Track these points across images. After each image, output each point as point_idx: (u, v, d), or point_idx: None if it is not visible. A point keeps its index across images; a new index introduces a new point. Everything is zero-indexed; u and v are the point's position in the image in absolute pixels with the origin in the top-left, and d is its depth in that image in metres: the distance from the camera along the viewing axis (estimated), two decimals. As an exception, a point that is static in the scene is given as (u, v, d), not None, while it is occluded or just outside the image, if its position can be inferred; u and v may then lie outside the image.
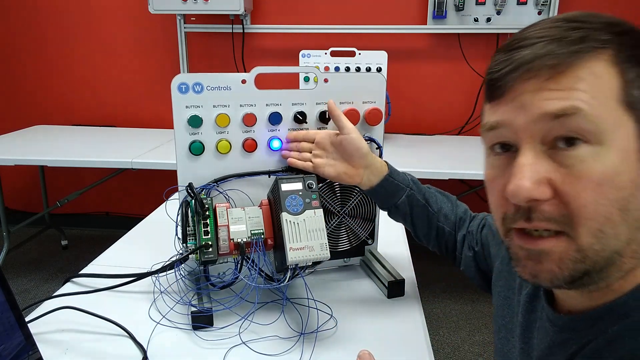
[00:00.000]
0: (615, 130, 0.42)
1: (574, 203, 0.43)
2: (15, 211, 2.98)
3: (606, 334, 0.46)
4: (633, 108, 0.43)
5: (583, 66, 0.43)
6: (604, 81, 0.43)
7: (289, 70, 0.94)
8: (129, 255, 1.08)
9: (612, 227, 0.43)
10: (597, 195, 0.42)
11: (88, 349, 0.77)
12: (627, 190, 0.43)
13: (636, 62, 0.43)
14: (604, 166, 0.42)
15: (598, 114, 0.42)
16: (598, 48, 0.43)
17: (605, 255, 0.44)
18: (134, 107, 2.86)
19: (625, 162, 0.43)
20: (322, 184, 0.93)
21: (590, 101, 0.42)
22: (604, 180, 0.42)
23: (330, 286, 0.96)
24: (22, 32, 2.82)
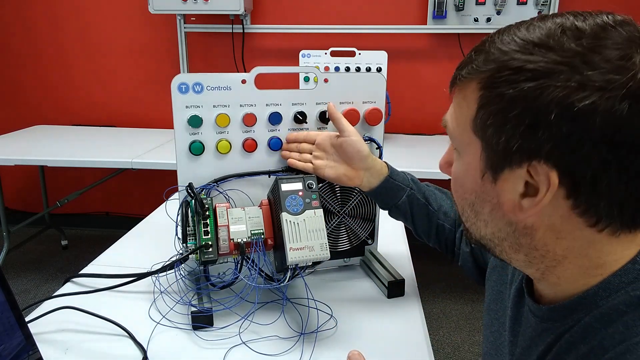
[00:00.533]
0: (466, 147, 0.51)
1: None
2: (15, 211, 2.98)
3: (579, 323, 0.49)
4: (477, 132, 0.49)
5: (461, 88, 0.51)
6: (467, 103, 0.49)
7: (289, 70, 0.94)
8: (129, 255, 1.08)
9: (467, 218, 0.55)
10: (454, 188, 0.56)
11: (88, 349, 0.77)
12: (471, 196, 0.53)
13: (490, 92, 0.47)
14: (456, 169, 0.55)
15: (455, 131, 0.53)
16: (476, 73, 0.48)
17: (476, 236, 0.55)
18: (134, 107, 2.86)
19: (468, 174, 0.52)
20: (322, 184, 0.93)
21: (452, 120, 0.53)
22: (456, 180, 0.55)
23: (330, 286, 0.96)
24: (22, 32, 2.82)
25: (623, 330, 0.45)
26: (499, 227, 0.51)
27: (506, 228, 0.51)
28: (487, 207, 0.51)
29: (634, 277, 0.47)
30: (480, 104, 0.47)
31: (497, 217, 0.51)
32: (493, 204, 0.50)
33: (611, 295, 0.48)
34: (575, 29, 0.44)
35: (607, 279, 0.48)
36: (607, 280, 0.48)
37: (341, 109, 0.93)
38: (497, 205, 0.50)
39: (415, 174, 0.92)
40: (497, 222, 0.51)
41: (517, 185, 0.47)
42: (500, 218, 0.50)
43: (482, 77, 0.47)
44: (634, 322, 0.45)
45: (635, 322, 0.45)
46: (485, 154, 0.48)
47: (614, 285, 0.48)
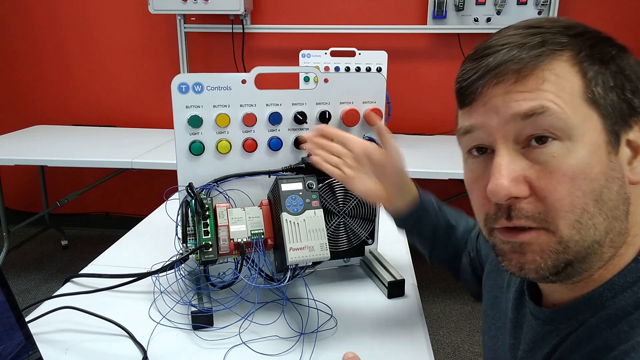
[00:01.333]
0: (582, 125, 0.45)
1: (550, 197, 0.45)
2: (15, 211, 2.98)
3: (585, 324, 0.48)
4: (596, 103, 0.45)
5: (545, 68, 0.46)
6: (567, 80, 0.45)
7: (289, 70, 0.94)
8: (129, 255, 1.08)
9: (590, 217, 0.45)
10: (572, 188, 0.45)
11: (88, 349, 0.77)
12: (599, 182, 0.45)
13: (594, 60, 0.46)
14: (575, 160, 0.45)
15: (564, 111, 0.45)
16: (557, 50, 0.46)
17: (586, 245, 0.46)
18: (134, 107, 2.86)
19: (595, 154, 0.45)
20: (322, 184, 0.93)
21: (555, 100, 0.45)
22: (576, 173, 0.45)
23: (330, 286, 0.96)
24: (23, 32, 2.82)
25: (628, 330, 0.44)
26: (618, 211, 0.46)
27: (622, 208, 0.47)
28: (616, 186, 0.46)
29: (638, 277, 0.47)
30: (591, 73, 0.46)
31: (622, 197, 0.46)
32: (620, 180, 0.46)
33: (617, 296, 0.47)
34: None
35: (612, 280, 0.48)
36: (612, 281, 0.48)
37: (341, 109, 0.93)
38: (623, 180, 0.46)
39: (415, 174, 0.92)
40: (619, 204, 0.46)
41: (626, 148, 0.47)
42: (623, 196, 0.47)
43: (572, 48, 0.46)
44: (639, 322, 0.44)
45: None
46: (609, 122, 0.46)
47: (619, 285, 0.47)
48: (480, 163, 0.51)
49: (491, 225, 0.51)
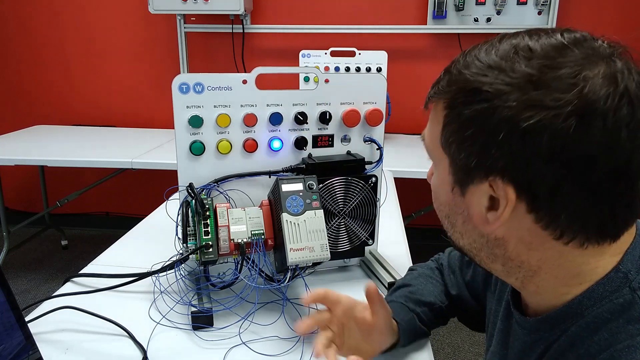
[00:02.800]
0: (439, 161, 0.53)
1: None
2: (15, 211, 2.98)
3: (566, 333, 0.50)
4: (445, 148, 0.51)
5: (434, 106, 0.53)
6: (437, 120, 0.52)
7: (290, 71, 0.94)
8: (129, 255, 1.08)
9: (447, 228, 0.57)
10: (433, 199, 0.57)
11: (88, 349, 0.77)
12: (445, 208, 0.55)
13: (453, 112, 0.49)
14: (434, 182, 0.57)
15: (429, 146, 0.55)
16: (444, 93, 0.51)
17: (457, 245, 0.57)
18: (134, 107, 2.86)
19: (441, 187, 0.54)
20: (322, 185, 0.93)
21: (427, 135, 0.55)
22: (434, 192, 0.57)
23: (331, 287, 0.95)
24: (22, 32, 2.82)
25: (608, 337, 0.46)
26: (473, 239, 0.53)
27: (480, 239, 0.52)
28: (460, 219, 0.53)
29: (617, 286, 0.48)
30: (444, 123, 0.50)
31: (470, 229, 0.52)
32: (464, 217, 0.52)
33: (596, 304, 0.48)
34: (527, 50, 0.46)
35: (591, 288, 0.49)
36: (591, 289, 0.49)
37: (341, 110, 0.93)
38: (468, 218, 0.52)
39: (415, 174, 0.92)
40: (470, 233, 0.53)
41: (482, 199, 0.49)
42: (472, 230, 0.52)
43: (446, 97, 0.50)
44: (618, 329, 0.46)
45: (620, 328, 0.46)
46: (452, 169, 0.51)
47: (598, 294, 0.48)
48: None
49: None
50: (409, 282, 0.83)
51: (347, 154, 0.95)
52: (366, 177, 0.93)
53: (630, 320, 0.45)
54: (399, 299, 0.79)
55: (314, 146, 0.94)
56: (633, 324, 0.45)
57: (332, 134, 0.94)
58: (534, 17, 2.41)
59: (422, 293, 0.80)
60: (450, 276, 0.83)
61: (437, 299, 0.80)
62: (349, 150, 0.95)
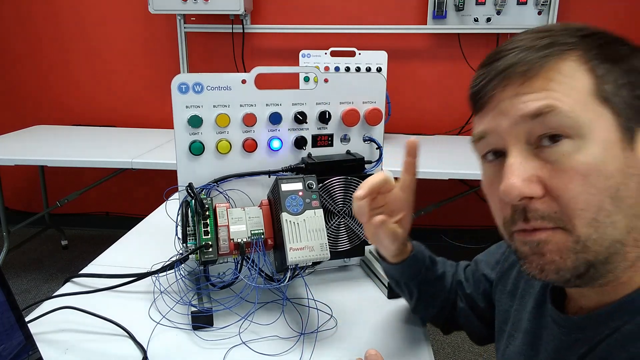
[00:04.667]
0: (593, 123, 0.44)
1: (564, 196, 0.45)
2: (15, 211, 2.98)
3: (617, 332, 0.46)
4: (607, 101, 0.45)
5: (552, 68, 0.46)
6: (575, 79, 0.45)
7: (289, 70, 0.94)
8: (129, 255, 1.08)
9: (607, 215, 0.44)
10: (585, 186, 0.44)
11: (88, 349, 0.77)
12: (615, 179, 0.44)
13: (604, 59, 0.46)
14: (587, 157, 0.44)
15: (573, 109, 0.44)
16: (565, 51, 0.46)
17: (606, 244, 0.45)
18: (134, 107, 2.86)
19: (608, 151, 0.44)
20: (322, 184, 0.93)
21: (563, 99, 0.45)
22: (589, 170, 0.44)
23: (330, 286, 0.96)
24: (22, 32, 2.82)
25: None
26: (638, 209, 0.45)
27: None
28: (634, 182, 0.45)
29: None
30: (599, 73, 0.46)
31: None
32: (639, 176, 0.45)
33: None
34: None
35: None
36: None
37: (341, 109, 0.93)
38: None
39: (415, 174, 0.91)
40: (639, 201, 0.45)
41: None
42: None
43: (581, 48, 0.46)
44: None
45: None
46: (623, 119, 0.45)
47: None
48: (495, 167, 0.51)
49: (509, 229, 0.50)
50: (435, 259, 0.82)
51: (347, 153, 0.95)
52: (366, 176, 0.93)
53: None
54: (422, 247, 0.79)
55: (313, 146, 0.94)
56: None
57: (332, 133, 0.94)
58: (534, 17, 2.41)
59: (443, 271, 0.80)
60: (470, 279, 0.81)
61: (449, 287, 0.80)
62: (348, 150, 0.95)
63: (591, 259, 0.45)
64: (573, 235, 0.45)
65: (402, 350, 0.77)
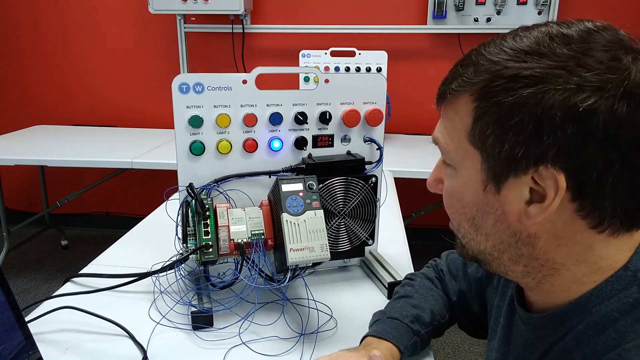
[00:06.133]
0: (462, 160, 0.51)
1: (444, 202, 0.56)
2: (15, 211, 2.98)
3: (573, 331, 0.49)
4: (476, 145, 0.48)
5: (450, 102, 0.51)
6: (460, 117, 0.50)
7: (290, 71, 0.94)
8: (129, 255, 1.08)
9: (466, 233, 0.54)
10: (448, 204, 0.55)
11: (88, 349, 0.77)
12: (471, 210, 0.52)
13: (488, 102, 0.47)
14: (451, 185, 0.54)
15: (449, 146, 0.52)
16: (466, 87, 0.48)
17: (474, 252, 0.54)
18: (134, 107, 2.86)
19: (468, 187, 0.51)
20: (322, 185, 0.93)
21: (445, 134, 0.52)
22: (452, 195, 0.54)
23: (330, 287, 0.96)
24: (22, 32, 2.82)
25: (615, 337, 0.45)
26: (501, 240, 0.51)
27: (509, 239, 0.50)
28: (491, 220, 0.50)
29: (626, 284, 0.47)
30: (476, 115, 0.47)
31: (501, 229, 0.50)
32: (497, 215, 0.49)
33: (603, 302, 0.48)
34: (562, 36, 0.45)
35: (599, 286, 0.48)
36: (599, 287, 0.48)
37: (341, 110, 0.93)
38: (502, 216, 0.49)
39: (415, 174, 0.92)
40: (500, 234, 0.50)
41: (523, 192, 0.47)
42: (504, 229, 0.50)
43: (474, 88, 0.47)
44: (626, 329, 0.45)
45: (627, 328, 0.45)
46: (486, 164, 0.48)
47: (606, 292, 0.48)
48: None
49: None
50: (411, 294, 0.80)
51: (347, 154, 0.95)
52: (366, 177, 0.93)
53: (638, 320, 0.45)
54: (403, 318, 0.74)
55: (314, 146, 0.94)
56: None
57: (332, 134, 0.94)
58: (534, 17, 2.41)
59: (424, 308, 0.77)
60: (452, 282, 0.81)
61: (439, 314, 0.78)
62: (349, 150, 0.95)
63: (472, 256, 0.55)
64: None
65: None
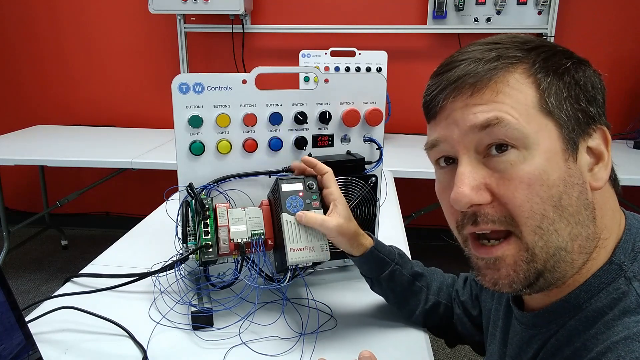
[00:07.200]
0: (537, 134, 0.47)
1: (510, 203, 0.47)
2: (15, 211, 2.98)
3: (564, 327, 0.50)
4: (550, 113, 0.47)
5: (499, 81, 0.48)
6: (521, 92, 0.48)
7: (290, 71, 0.94)
8: (129, 255, 1.08)
9: (550, 223, 0.47)
10: (530, 195, 0.47)
11: (88, 349, 0.77)
12: (557, 188, 0.46)
13: (548, 72, 0.49)
14: (532, 167, 0.47)
15: (518, 121, 0.47)
16: (511, 64, 0.49)
17: (551, 251, 0.47)
18: (134, 107, 2.86)
19: (552, 162, 0.47)
20: (322, 184, 0.93)
21: (510, 111, 0.47)
22: (533, 180, 0.46)
23: (330, 286, 0.96)
24: (22, 32, 2.82)
25: (604, 330, 0.46)
26: (578, 219, 0.47)
27: (585, 214, 0.48)
28: (576, 192, 0.47)
29: (613, 277, 0.48)
30: (544, 85, 0.48)
31: (583, 203, 0.48)
32: (579, 186, 0.48)
33: (593, 297, 0.48)
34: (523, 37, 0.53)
35: (588, 281, 0.49)
36: (587, 282, 0.49)
37: (341, 110, 0.93)
38: (583, 185, 0.48)
39: (415, 174, 0.92)
40: (581, 210, 0.48)
41: (586, 154, 0.49)
42: (583, 202, 0.48)
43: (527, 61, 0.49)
44: (614, 321, 0.46)
45: (616, 320, 0.46)
46: (565, 130, 0.48)
47: (594, 287, 0.49)
48: (447, 173, 0.54)
49: (462, 232, 0.52)
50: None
51: (347, 153, 0.95)
52: (366, 177, 0.93)
53: (626, 312, 0.45)
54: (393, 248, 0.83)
55: (313, 146, 0.94)
56: (629, 316, 0.45)
57: (332, 133, 0.94)
58: (534, 17, 2.41)
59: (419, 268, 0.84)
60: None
61: (427, 283, 0.83)
62: (348, 150, 0.95)
63: (540, 268, 0.48)
64: (522, 243, 0.48)
65: (402, 350, 0.77)
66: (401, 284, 0.81)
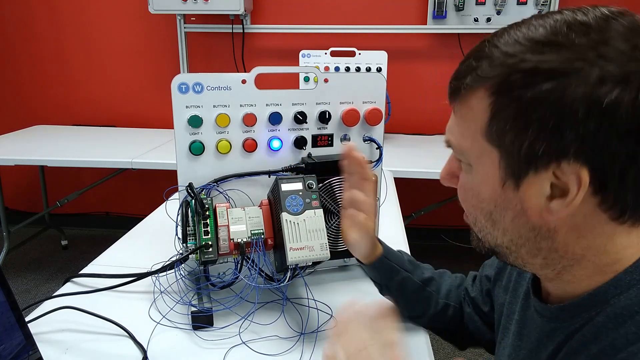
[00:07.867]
0: (479, 158, 0.50)
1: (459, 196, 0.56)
2: (15, 211, 2.98)
3: (591, 322, 0.48)
4: (493, 141, 0.47)
5: (465, 98, 0.49)
6: (475, 114, 0.48)
7: (289, 70, 0.94)
8: (129, 255, 1.08)
9: (482, 228, 0.53)
10: (464, 198, 0.55)
11: (88, 349, 0.77)
12: (488, 205, 0.51)
13: (504, 97, 0.45)
14: (467, 180, 0.53)
15: (463, 144, 0.51)
16: (480, 82, 0.47)
17: (490, 245, 0.54)
18: (134, 107, 2.86)
19: (486, 184, 0.50)
20: (322, 184, 0.93)
21: (458, 134, 0.52)
22: (467, 189, 0.53)
23: (330, 286, 0.96)
24: (22, 32, 2.82)
25: (636, 331, 0.44)
26: (519, 234, 0.50)
27: (527, 234, 0.49)
28: (509, 215, 0.49)
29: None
30: (493, 111, 0.46)
31: (520, 224, 0.49)
32: (516, 211, 0.49)
33: (622, 293, 0.47)
34: (579, 24, 0.43)
35: (618, 276, 0.48)
36: (617, 278, 0.48)
37: (341, 109, 0.93)
38: (521, 212, 0.48)
39: (415, 174, 0.92)
40: (518, 229, 0.50)
41: (544, 188, 0.46)
42: (522, 225, 0.49)
43: (490, 83, 0.46)
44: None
45: None
46: (504, 161, 0.47)
47: (625, 283, 0.47)
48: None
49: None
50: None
51: (347, 153, 0.95)
52: (366, 176, 0.93)
53: None
54: (404, 255, 0.84)
55: (313, 145, 0.94)
56: None
57: (332, 133, 0.94)
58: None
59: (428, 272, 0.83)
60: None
61: (437, 286, 0.82)
62: (348, 150, 0.95)
63: (489, 247, 0.55)
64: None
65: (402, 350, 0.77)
66: (412, 291, 0.80)
